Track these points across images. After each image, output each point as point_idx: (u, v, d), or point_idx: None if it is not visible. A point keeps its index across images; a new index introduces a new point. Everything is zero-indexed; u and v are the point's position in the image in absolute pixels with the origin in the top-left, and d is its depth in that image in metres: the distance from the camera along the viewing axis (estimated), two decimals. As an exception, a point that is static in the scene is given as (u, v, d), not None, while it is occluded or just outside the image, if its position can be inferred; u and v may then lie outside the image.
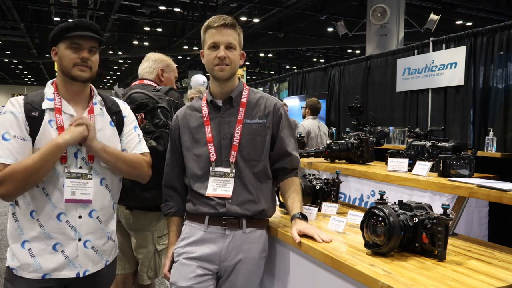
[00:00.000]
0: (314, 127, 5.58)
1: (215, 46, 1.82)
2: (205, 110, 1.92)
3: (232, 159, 1.84)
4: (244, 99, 1.92)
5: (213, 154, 1.85)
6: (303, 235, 1.77)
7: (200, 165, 1.87)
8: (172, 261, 1.91)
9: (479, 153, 4.07)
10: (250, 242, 1.84)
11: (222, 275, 1.84)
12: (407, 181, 2.26)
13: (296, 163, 1.97)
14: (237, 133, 1.85)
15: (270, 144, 1.92)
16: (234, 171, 1.83)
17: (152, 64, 2.57)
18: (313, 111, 5.84)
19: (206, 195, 1.83)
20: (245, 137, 1.85)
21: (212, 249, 1.81)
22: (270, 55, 22.48)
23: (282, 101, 7.32)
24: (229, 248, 1.81)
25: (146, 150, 1.94)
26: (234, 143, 1.84)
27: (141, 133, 1.98)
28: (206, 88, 2.14)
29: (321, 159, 2.99)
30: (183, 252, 1.85)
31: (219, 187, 1.83)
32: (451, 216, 1.57)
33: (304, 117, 5.95)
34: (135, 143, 1.91)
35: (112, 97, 1.98)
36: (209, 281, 1.82)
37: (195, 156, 1.89)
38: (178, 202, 1.99)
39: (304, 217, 1.85)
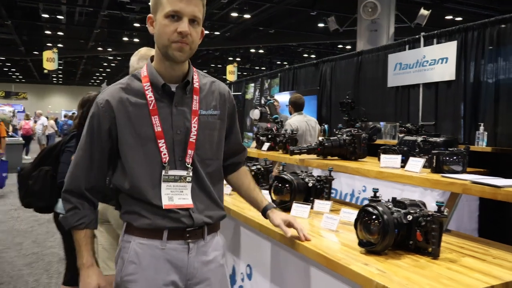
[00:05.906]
0: (301, 124, 5.39)
1: (175, 16, 1.39)
2: (150, 95, 1.47)
3: (188, 160, 1.48)
4: (196, 84, 1.53)
5: (165, 154, 1.46)
6: (288, 224, 1.69)
7: (149, 167, 1.46)
8: None
9: (470, 147, 4.07)
10: (213, 250, 1.56)
11: None
12: (401, 178, 2.25)
13: (245, 155, 1.81)
14: (194, 127, 1.49)
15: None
16: (191, 173, 1.49)
17: None
18: (296, 107, 5.59)
19: (164, 207, 1.44)
20: (202, 132, 1.51)
21: (175, 268, 1.47)
22: (261, 51, 22.41)
23: (273, 97, 7.27)
24: (194, 264, 1.49)
25: None
26: (190, 139, 1.48)
27: None
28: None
29: (314, 156, 2.97)
30: (135, 280, 1.45)
31: (175, 195, 1.47)
32: (445, 213, 1.56)
33: (290, 114, 5.74)
34: None
35: None
36: None
37: (142, 155, 1.46)
38: (90, 211, 1.52)
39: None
